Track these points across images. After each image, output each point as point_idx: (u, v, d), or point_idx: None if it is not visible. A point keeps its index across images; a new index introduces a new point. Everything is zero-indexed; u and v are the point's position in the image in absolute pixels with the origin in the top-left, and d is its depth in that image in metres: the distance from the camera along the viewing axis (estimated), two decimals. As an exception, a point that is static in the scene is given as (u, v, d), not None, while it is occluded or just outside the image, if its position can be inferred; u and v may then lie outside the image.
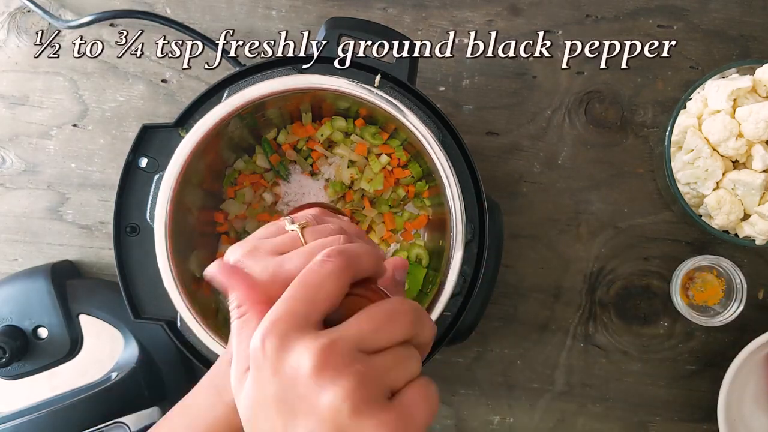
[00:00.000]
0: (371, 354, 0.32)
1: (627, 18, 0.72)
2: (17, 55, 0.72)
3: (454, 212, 0.55)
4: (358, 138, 0.64)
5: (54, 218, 0.72)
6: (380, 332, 0.32)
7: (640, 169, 0.71)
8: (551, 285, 0.71)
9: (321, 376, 0.30)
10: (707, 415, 0.71)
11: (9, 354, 0.60)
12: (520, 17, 0.72)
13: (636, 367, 0.71)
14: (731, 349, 0.69)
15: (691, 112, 0.67)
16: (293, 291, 0.33)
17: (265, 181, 0.66)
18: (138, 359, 0.64)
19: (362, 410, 0.30)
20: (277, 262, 0.37)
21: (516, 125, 0.72)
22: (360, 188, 0.65)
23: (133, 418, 0.63)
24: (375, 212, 0.65)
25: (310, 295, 0.33)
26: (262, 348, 0.32)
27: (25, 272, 0.67)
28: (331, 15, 0.70)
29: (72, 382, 0.64)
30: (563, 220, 0.71)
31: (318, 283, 0.33)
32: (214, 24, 0.71)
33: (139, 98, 0.72)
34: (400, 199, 0.66)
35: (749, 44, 0.71)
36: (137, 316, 0.55)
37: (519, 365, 0.71)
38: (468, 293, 0.56)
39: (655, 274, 0.71)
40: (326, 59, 0.57)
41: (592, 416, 0.71)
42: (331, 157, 0.65)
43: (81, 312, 0.65)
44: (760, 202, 0.65)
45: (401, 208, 0.66)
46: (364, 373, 0.30)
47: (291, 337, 0.32)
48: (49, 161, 0.72)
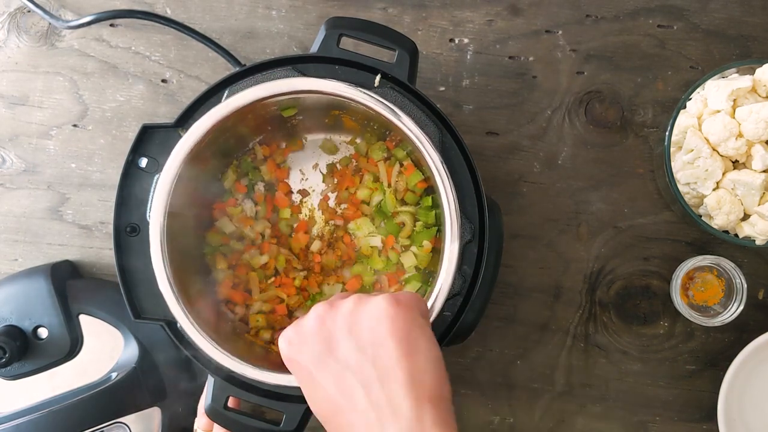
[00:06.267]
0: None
1: (627, 18, 0.72)
2: (17, 55, 0.72)
3: (449, 212, 0.55)
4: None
5: (54, 218, 0.72)
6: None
7: (640, 169, 0.71)
8: (551, 285, 0.71)
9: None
10: (707, 415, 0.71)
11: (9, 354, 0.60)
12: (520, 17, 0.72)
13: (636, 367, 0.71)
14: (731, 349, 0.69)
15: (691, 112, 0.67)
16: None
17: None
18: (138, 359, 0.64)
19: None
20: None
21: (516, 125, 0.72)
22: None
23: (133, 418, 0.63)
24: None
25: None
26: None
27: (25, 272, 0.67)
28: (331, 15, 0.70)
29: (72, 382, 0.64)
30: (563, 220, 0.71)
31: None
32: (214, 24, 0.71)
33: (139, 98, 0.72)
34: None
35: (749, 44, 0.71)
36: (137, 316, 0.55)
37: (519, 365, 0.71)
38: (468, 293, 0.56)
39: (655, 274, 0.71)
40: (326, 59, 0.57)
41: (592, 416, 0.71)
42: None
43: (81, 312, 0.65)
44: (760, 202, 0.65)
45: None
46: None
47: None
48: (49, 161, 0.72)
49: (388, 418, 0.40)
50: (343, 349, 0.43)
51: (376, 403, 0.41)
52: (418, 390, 0.40)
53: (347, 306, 0.44)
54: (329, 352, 0.43)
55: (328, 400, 0.43)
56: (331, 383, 0.43)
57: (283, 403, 0.55)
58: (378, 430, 0.40)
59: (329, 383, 0.43)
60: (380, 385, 0.41)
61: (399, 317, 0.42)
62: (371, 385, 0.41)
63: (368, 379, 0.41)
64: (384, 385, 0.41)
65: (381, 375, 0.41)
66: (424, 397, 0.40)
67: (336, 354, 0.43)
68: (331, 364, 0.43)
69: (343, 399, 0.42)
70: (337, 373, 0.43)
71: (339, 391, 0.42)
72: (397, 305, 0.43)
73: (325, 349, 0.44)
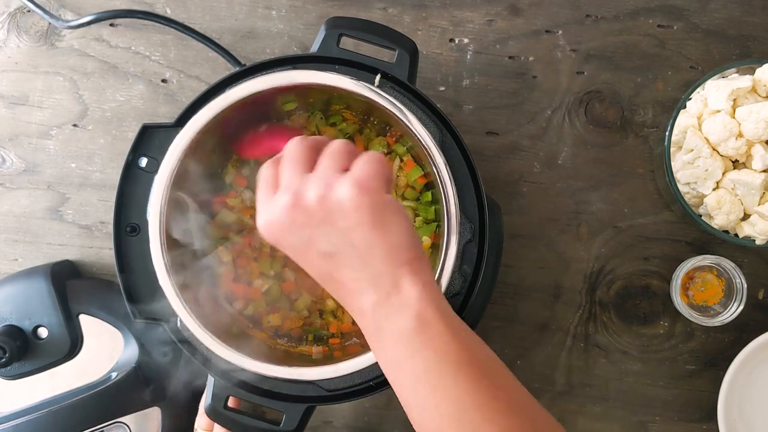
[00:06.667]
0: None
1: (627, 18, 0.72)
2: (17, 55, 0.72)
3: (452, 212, 0.55)
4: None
5: (54, 218, 0.72)
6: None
7: (640, 169, 0.71)
8: (551, 285, 0.71)
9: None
10: (707, 415, 0.71)
11: (9, 354, 0.60)
12: (520, 17, 0.72)
13: (636, 367, 0.71)
14: (731, 349, 0.69)
15: (691, 112, 0.67)
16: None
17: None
18: (138, 359, 0.64)
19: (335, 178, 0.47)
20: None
21: (516, 125, 0.72)
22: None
23: (133, 418, 0.63)
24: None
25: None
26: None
27: (25, 272, 0.67)
28: (331, 15, 0.69)
29: (72, 382, 0.64)
30: (563, 220, 0.71)
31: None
32: (214, 24, 0.72)
33: (139, 98, 0.72)
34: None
35: (749, 44, 0.71)
36: (137, 316, 0.55)
37: (519, 365, 0.71)
38: (468, 293, 0.56)
39: (655, 274, 0.71)
40: (326, 59, 0.57)
41: (592, 416, 0.71)
42: None
43: (81, 312, 0.65)
44: (760, 202, 0.65)
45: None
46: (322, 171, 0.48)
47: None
48: (49, 161, 0.72)
49: (375, 282, 0.46)
50: (322, 242, 0.46)
51: (360, 277, 0.46)
52: (395, 259, 0.46)
53: (317, 189, 0.46)
54: (308, 242, 0.47)
55: (318, 275, 0.48)
56: (316, 264, 0.48)
57: (283, 403, 0.55)
58: (366, 298, 0.46)
59: (315, 263, 0.48)
60: (362, 264, 0.46)
61: (367, 202, 0.45)
62: (353, 264, 0.46)
63: (350, 261, 0.46)
64: (365, 263, 0.46)
65: (360, 256, 0.46)
66: (401, 262, 0.46)
67: (314, 244, 0.47)
68: (312, 253, 0.47)
69: (331, 275, 0.47)
70: (320, 258, 0.47)
71: (325, 270, 0.47)
72: (364, 193, 0.46)
73: (304, 239, 0.47)
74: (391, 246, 0.46)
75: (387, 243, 0.46)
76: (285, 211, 0.47)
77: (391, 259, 0.46)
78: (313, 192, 0.46)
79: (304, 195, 0.46)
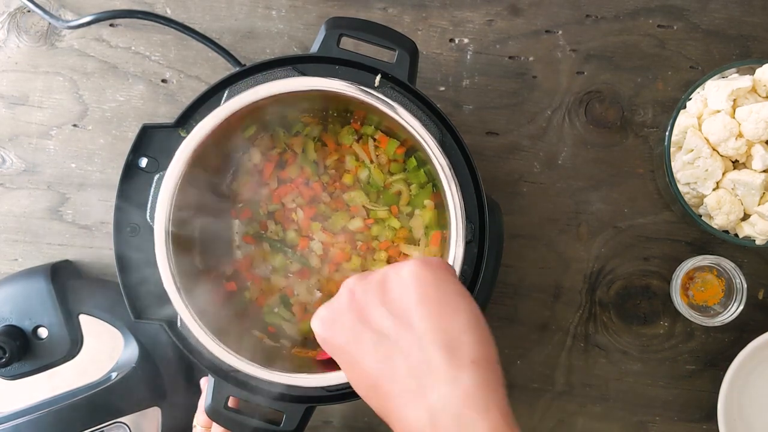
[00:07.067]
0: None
1: (627, 18, 0.72)
2: (17, 55, 0.72)
3: (454, 212, 0.55)
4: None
5: (54, 218, 0.72)
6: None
7: (640, 169, 0.71)
8: (551, 285, 0.71)
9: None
10: (707, 415, 0.71)
11: (9, 354, 0.60)
12: (520, 17, 0.72)
13: (636, 367, 0.71)
14: (731, 349, 0.69)
15: (691, 112, 0.67)
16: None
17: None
18: (138, 359, 0.64)
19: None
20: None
21: (516, 125, 0.72)
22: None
23: (133, 418, 0.63)
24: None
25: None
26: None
27: (25, 272, 0.67)
28: (331, 15, 0.70)
29: (72, 382, 0.64)
30: (563, 220, 0.72)
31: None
32: (214, 24, 0.72)
33: (139, 98, 0.72)
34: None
35: (749, 44, 0.71)
36: (137, 316, 0.55)
37: (519, 365, 0.71)
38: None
39: (655, 274, 0.71)
40: (326, 59, 0.57)
41: (592, 416, 0.71)
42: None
43: (81, 312, 0.65)
44: (760, 202, 0.65)
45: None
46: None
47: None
48: (49, 161, 0.72)
49: (429, 384, 0.38)
50: (377, 319, 0.41)
51: (416, 368, 0.39)
52: (456, 352, 0.39)
53: (377, 276, 0.43)
54: (363, 324, 0.42)
55: (368, 374, 0.41)
56: (369, 356, 0.41)
57: (283, 403, 0.55)
58: (420, 397, 0.38)
59: (367, 356, 0.41)
60: (419, 350, 0.39)
61: (430, 278, 0.41)
62: (410, 350, 0.39)
63: (406, 345, 0.40)
64: (422, 349, 0.39)
65: (418, 340, 0.39)
66: (464, 359, 0.39)
67: (371, 325, 0.41)
68: (367, 337, 0.41)
69: (382, 370, 0.40)
70: (373, 345, 0.41)
71: (377, 362, 0.41)
72: (427, 266, 0.41)
73: (359, 323, 0.42)
74: (453, 336, 0.39)
75: (448, 330, 0.40)
76: (346, 293, 0.44)
77: (451, 352, 0.39)
78: (377, 273, 0.43)
79: (368, 275, 0.44)
